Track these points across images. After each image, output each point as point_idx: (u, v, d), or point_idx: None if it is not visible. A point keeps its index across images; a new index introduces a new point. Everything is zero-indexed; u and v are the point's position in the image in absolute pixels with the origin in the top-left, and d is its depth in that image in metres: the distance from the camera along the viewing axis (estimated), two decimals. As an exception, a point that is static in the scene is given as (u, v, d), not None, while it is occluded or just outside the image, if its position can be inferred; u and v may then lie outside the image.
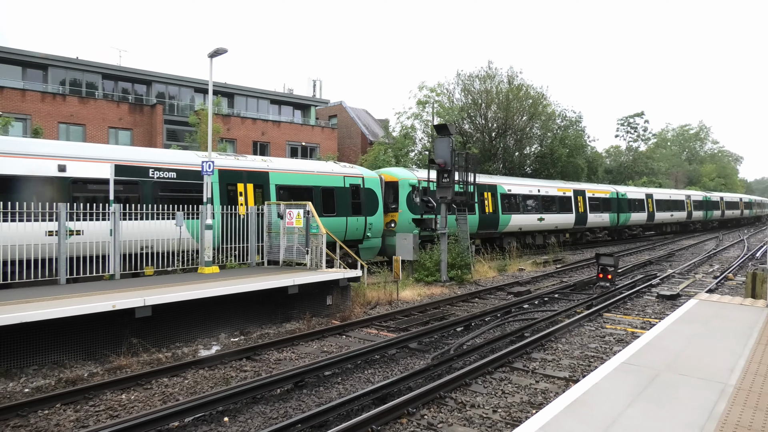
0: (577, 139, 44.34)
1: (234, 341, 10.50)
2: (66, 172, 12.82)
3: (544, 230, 29.30)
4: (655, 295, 15.16)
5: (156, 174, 14.36)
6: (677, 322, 7.70)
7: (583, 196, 32.43)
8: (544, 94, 42.34)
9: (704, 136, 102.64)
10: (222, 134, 32.05)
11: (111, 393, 7.48)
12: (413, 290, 15.69)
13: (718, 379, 5.17)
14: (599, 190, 34.90)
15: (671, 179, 70.27)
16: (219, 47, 13.88)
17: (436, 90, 35.23)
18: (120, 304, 8.81)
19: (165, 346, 9.78)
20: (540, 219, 28.40)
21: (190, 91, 35.88)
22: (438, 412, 6.79)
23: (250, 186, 16.65)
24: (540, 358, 9.06)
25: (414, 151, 36.05)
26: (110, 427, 5.94)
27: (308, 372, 8.04)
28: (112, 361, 8.77)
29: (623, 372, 5.39)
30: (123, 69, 33.81)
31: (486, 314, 12.42)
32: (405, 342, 9.92)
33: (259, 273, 12.91)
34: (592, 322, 11.82)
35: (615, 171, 61.05)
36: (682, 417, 4.28)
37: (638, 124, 66.06)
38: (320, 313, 12.60)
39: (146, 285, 10.81)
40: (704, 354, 6.04)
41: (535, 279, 18.56)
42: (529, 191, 28.14)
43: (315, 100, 42.84)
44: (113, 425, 6.00)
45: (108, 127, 30.80)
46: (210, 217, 13.45)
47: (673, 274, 19.59)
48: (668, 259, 25.84)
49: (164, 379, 8.11)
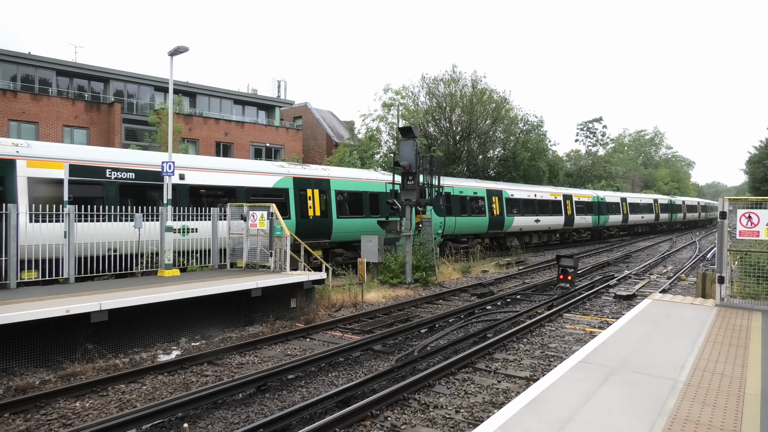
0: (539, 143, 45.32)
1: (195, 345, 10.29)
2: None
3: (540, 230, 33.17)
4: (613, 295, 15.62)
5: (114, 174, 13.96)
6: (632, 321, 7.96)
7: (570, 200, 36.13)
8: (506, 98, 43.14)
9: (659, 142, 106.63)
10: (184, 134, 31.40)
11: (64, 401, 7.22)
12: (378, 292, 15.72)
13: (669, 376, 5.36)
14: (584, 195, 38.85)
15: (628, 183, 72.60)
16: (180, 45, 13.61)
17: (402, 93, 35.50)
18: (74, 309, 8.52)
19: (122, 351, 9.50)
20: (537, 220, 32.16)
21: (150, 90, 34.99)
22: (401, 413, 6.81)
23: (316, 191, 19.22)
24: (502, 359, 9.21)
25: (379, 154, 36.15)
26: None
27: (271, 376, 7.95)
28: (65, 368, 8.46)
29: (580, 370, 5.53)
30: (79, 66, 32.72)
31: (450, 315, 12.54)
32: (369, 344, 9.93)
33: (222, 276, 12.70)
34: (552, 323, 12.09)
35: (575, 174, 62.64)
36: (634, 413, 4.43)
37: (597, 129, 68.10)
38: (284, 316, 12.47)
39: (103, 289, 10.49)
40: (656, 352, 6.26)
41: (498, 280, 18.86)
42: (528, 196, 31.73)
43: (280, 100, 42.43)
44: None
45: (62, 125, 29.73)
46: (170, 219, 13.16)
47: (630, 275, 20.23)
48: (625, 260, 26.67)
49: (121, 385, 7.88)
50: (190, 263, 14.30)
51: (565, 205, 35.19)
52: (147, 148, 28.54)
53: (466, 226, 26.29)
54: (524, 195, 31.33)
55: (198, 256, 14.45)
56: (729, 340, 6.85)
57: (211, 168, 16.59)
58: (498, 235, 29.45)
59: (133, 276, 13.04)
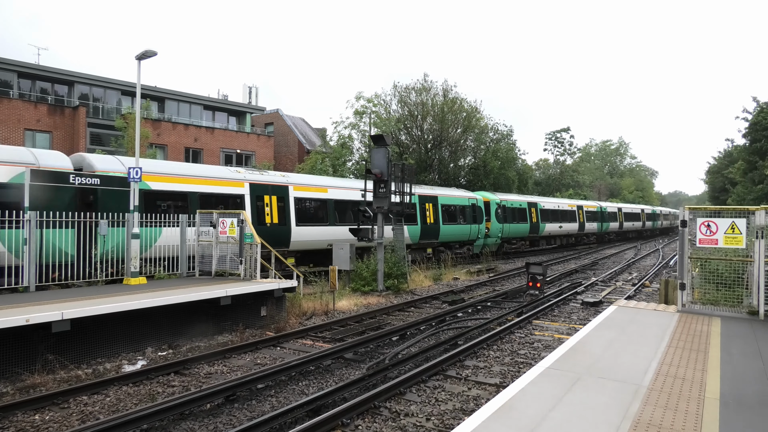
0: (509, 152, 45.99)
1: (162, 355, 10.07)
2: None
3: (562, 234, 41.23)
4: (580, 302, 15.93)
5: (77, 180, 13.60)
6: (598, 327, 8.13)
7: (582, 210, 44.30)
8: (477, 107, 43.69)
9: (624, 152, 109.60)
10: (152, 139, 30.78)
11: (23, 414, 6.97)
12: (350, 300, 15.67)
13: (633, 381, 5.50)
14: (591, 205, 47.33)
15: (594, 192, 74.29)
16: (148, 49, 13.39)
17: (374, 101, 35.56)
18: (34, 318, 8.24)
19: (85, 362, 9.23)
20: (560, 227, 40.02)
21: (116, 94, 34.23)
22: (372, 422, 6.80)
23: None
24: (472, 366, 9.28)
25: (351, 161, 36.13)
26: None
27: (240, 385, 7.84)
28: (24, 380, 8.17)
29: (548, 376, 5.62)
30: (42, 68, 31.81)
31: (421, 323, 12.58)
32: (341, 352, 9.88)
33: (190, 284, 12.47)
34: (522, 329, 12.25)
35: (543, 183, 63.79)
36: (600, 418, 4.52)
37: (564, 138, 69.48)
38: (254, 324, 12.32)
39: (65, 297, 10.18)
40: (621, 357, 6.41)
41: (469, 288, 19.02)
42: (554, 207, 39.71)
43: (251, 107, 42.06)
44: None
45: (24, 129, 28.81)
46: (136, 226, 12.88)
47: (597, 282, 20.67)
48: (592, 267, 27.25)
49: (83, 397, 7.65)
50: (157, 271, 14.00)
51: (578, 214, 42.87)
52: (113, 153, 27.88)
53: (516, 231, 34.00)
54: (552, 206, 39.22)
55: (166, 263, 14.16)
56: (690, 345, 7.07)
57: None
58: (534, 237, 37.37)
59: (96, 284, 12.69)
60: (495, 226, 31.30)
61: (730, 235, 8.99)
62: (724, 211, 9.36)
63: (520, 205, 34.48)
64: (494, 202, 31.62)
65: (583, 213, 43.90)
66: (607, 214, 49.45)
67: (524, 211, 34.75)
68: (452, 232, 27.51)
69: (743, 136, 36.71)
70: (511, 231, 33.18)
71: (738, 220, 8.98)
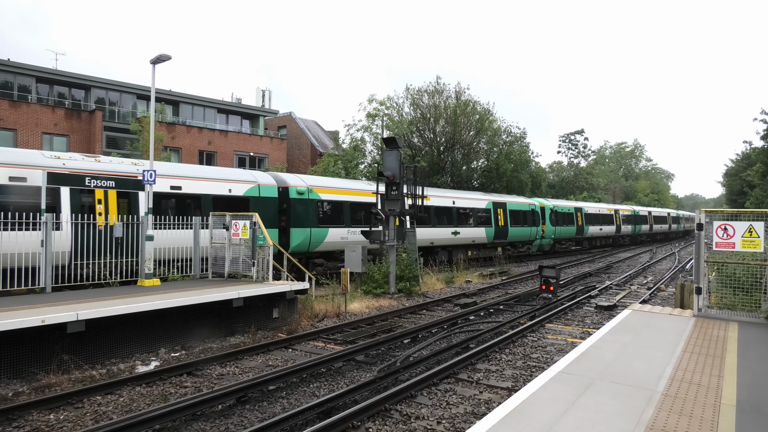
0: (522, 154, 45.79)
1: (174, 356, 10.14)
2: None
3: (602, 236, 44.81)
4: (594, 305, 15.76)
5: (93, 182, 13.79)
6: (612, 331, 8.04)
7: (618, 213, 47.74)
8: (490, 110, 43.56)
9: (639, 154, 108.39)
10: (166, 142, 31.12)
11: (38, 413, 7.05)
12: (361, 302, 15.67)
13: (646, 387, 5.42)
14: (626, 209, 51.21)
15: (609, 194, 73.61)
16: (162, 54, 13.54)
17: (386, 103, 35.57)
18: (50, 319, 8.35)
19: (99, 362, 9.33)
20: (600, 229, 43.17)
21: (132, 98, 34.68)
22: (383, 424, 6.78)
23: (500, 210, 30.07)
24: (484, 369, 9.22)
25: (364, 164, 36.19)
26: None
27: (252, 387, 7.86)
28: (40, 380, 8.28)
29: (560, 381, 5.56)
30: (59, 73, 32.32)
31: (433, 326, 12.54)
32: (352, 355, 9.88)
33: (203, 286, 12.56)
34: (534, 333, 12.15)
35: (557, 186, 63.35)
36: (613, 424, 4.46)
37: (578, 141, 69.04)
38: (266, 326, 12.37)
39: (80, 299, 10.30)
40: (635, 362, 6.33)
41: (481, 291, 18.93)
42: (596, 211, 42.79)
43: (264, 110, 42.33)
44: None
45: (42, 132, 29.29)
46: (151, 228, 13.01)
47: (611, 285, 20.45)
48: (606, 271, 26.97)
49: (97, 397, 7.72)
50: (171, 273, 14.12)
51: (615, 218, 45.72)
52: (128, 156, 28.23)
53: (566, 232, 37.96)
54: (593, 211, 42.47)
55: (179, 265, 14.28)
56: (706, 351, 6.96)
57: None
58: (579, 238, 41.50)
59: (111, 285, 12.83)
60: (549, 229, 35.69)
61: (748, 238, 8.84)
62: (741, 214, 9.21)
63: (568, 210, 38.45)
64: (548, 207, 35.82)
65: (620, 216, 47.16)
66: (639, 217, 52.75)
67: (571, 215, 38.47)
68: (517, 233, 32.13)
69: (761, 138, 36.05)
70: (562, 233, 37.39)
71: (756, 224, 8.83)
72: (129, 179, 14.42)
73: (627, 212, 50.12)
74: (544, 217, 34.96)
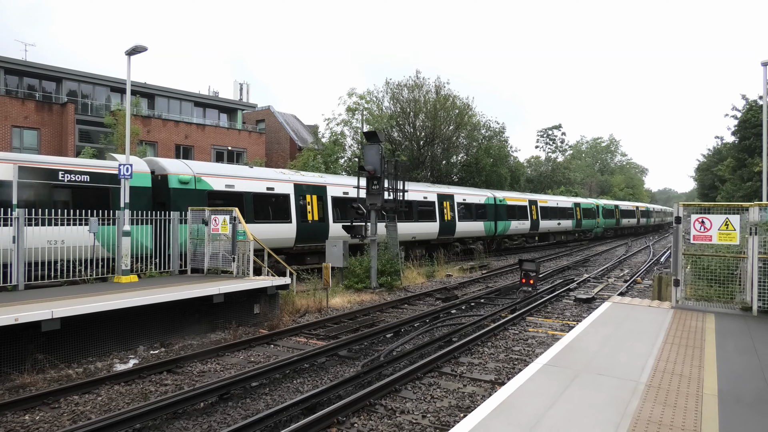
0: (501, 149, 46.04)
1: (154, 354, 9.95)
2: None
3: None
4: (573, 298, 15.96)
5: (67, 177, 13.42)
6: (593, 324, 8.13)
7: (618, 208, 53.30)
8: (469, 104, 43.65)
9: (614, 149, 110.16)
10: (142, 136, 30.50)
11: (12, 414, 6.84)
12: (343, 297, 15.60)
13: (631, 378, 5.48)
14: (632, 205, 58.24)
15: (585, 189, 74.65)
16: (138, 45, 13.22)
17: (366, 97, 35.39)
18: (24, 317, 8.10)
19: (76, 361, 9.10)
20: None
21: (105, 90, 33.86)
22: (368, 419, 6.74)
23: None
24: (467, 362, 9.25)
25: (344, 158, 36.00)
26: (11, 453, 5.42)
27: (234, 383, 7.75)
28: (14, 380, 8.03)
29: (546, 373, 5.59)
30: (29, 64, 31.37)
31: (415, 320, 12.54)
32: (335, 350, 9.82)
33: (182, 282, 12.35)
34: (515, 326, 12.24)
35: (536, 180, 63.98)
36: (599, 415, 4.49)
37: (556, 135, 69.75)
38: (247, 322, 12.22)
39: (54, 296, 10.02)
40: (618, 354, 6.40)
41: (462, 285, 19.01)
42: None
43: (242, 103, 41.77)
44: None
45: (11, 125, 28.42)
46: (128, 223, 12.73)
47: (589, 278, 20.74)
48: (584, 264, 27.35)
49: (74, 396, 7.53)
50: (148, 269, 13.85)
51: (576, 212, 44.84)
52: (102, 150, 27.60)
53: (519, 228, 35.65)
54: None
55: (157, 261, 14.02)
56: (686, 342, 7.08)
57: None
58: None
59: (86, 282, 12.53)
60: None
61: (724, 231, 9.02)
62: (717, 208, 9.39)
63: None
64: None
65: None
66: (606, 211, 52.77)
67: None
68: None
69: (732, 133, 37.01)
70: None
71: (732, 217, 9.01)
72: None
73: (630, 207, 51.52)
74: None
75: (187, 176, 16.25)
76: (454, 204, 27.93)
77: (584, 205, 45.81)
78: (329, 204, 20.73)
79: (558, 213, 40.61)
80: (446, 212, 27.16)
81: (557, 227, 40.54)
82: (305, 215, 19.71)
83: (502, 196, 33.31)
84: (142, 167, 15.59)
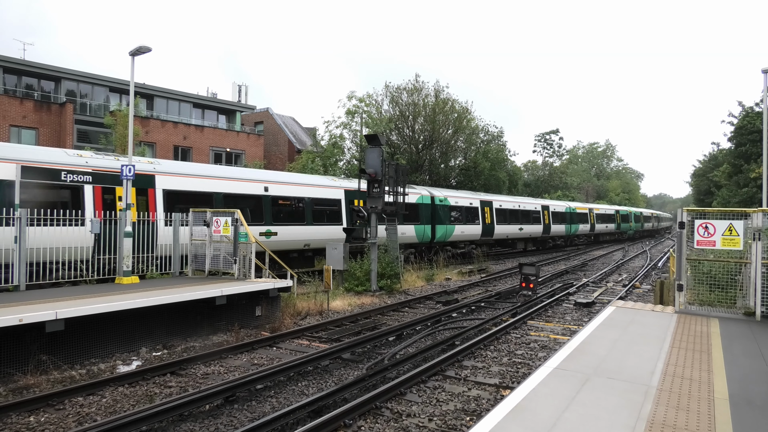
0: (499, 153, 46.17)
1: (156, 355, 9.89)
2: None
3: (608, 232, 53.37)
4: (573, 302, 15.98)
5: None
6: (600, 327, 8.14)
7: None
8: (468, 108, 43.76)
9: (610, 154, 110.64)
10: (140, 137, 30.41)
11: (17, 416, 6.79)
12: (344, 300, 15.57)
13: (641, 382, 5.49)
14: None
15: (582, 193, 74.90)
16: (142, 45, 13.19)
17: (365, 100, 35.44)
18: (28, 318, 8.05)
19: (79, 362, 9.04)
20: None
21: (104, 91, 33.78)
22: (374, 422, 6.72)
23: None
24: (471, 366, 9.25)
25: (343, 161, 36.00)
26: (18, 455, 5.37)
27: (239, 386, 7.72)
28: (17, 381, 7.97)
29: (557, 377, 5.59)
30: (28, 63, 31.26)
31: (417, 323, 12.53)
32: (338, 353, 9.79)
33: (183, 283, 12.30)
34: (517, 330, 12.25)
35: (533, 185, 64.18)
36: (614, 418, 4.50)
37: (553, 140, 70.07)
38: (249, 324, 12.18)
39: (57, 297, 9.97)
40: (627, 358, 6.41)
41: (461, 288, 19.00)
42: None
43: (240, 105, 41.73)
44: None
45: (9, 125, 28.30)
46: (129, 224, 12.68)
47: (588, 282, 20.78)
48: (582, 268, 27.40)
49: (79, 398, 7.47)
50: (149, 270, 13.80)
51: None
52: (102, 150, 27.50)
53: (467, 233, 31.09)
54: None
55: (158, 262, 13.96)
56: (693, 346, 7.10)
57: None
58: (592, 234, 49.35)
59: (88, 283, 12.46)
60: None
61: (728, 236, 9.06)
62: (720, 213, 9.43)
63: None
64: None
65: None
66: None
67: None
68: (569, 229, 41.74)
69: (729, 139, 37.25)
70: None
71: (736, 222, 9.05)
72: None
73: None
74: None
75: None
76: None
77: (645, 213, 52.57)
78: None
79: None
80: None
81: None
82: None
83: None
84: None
